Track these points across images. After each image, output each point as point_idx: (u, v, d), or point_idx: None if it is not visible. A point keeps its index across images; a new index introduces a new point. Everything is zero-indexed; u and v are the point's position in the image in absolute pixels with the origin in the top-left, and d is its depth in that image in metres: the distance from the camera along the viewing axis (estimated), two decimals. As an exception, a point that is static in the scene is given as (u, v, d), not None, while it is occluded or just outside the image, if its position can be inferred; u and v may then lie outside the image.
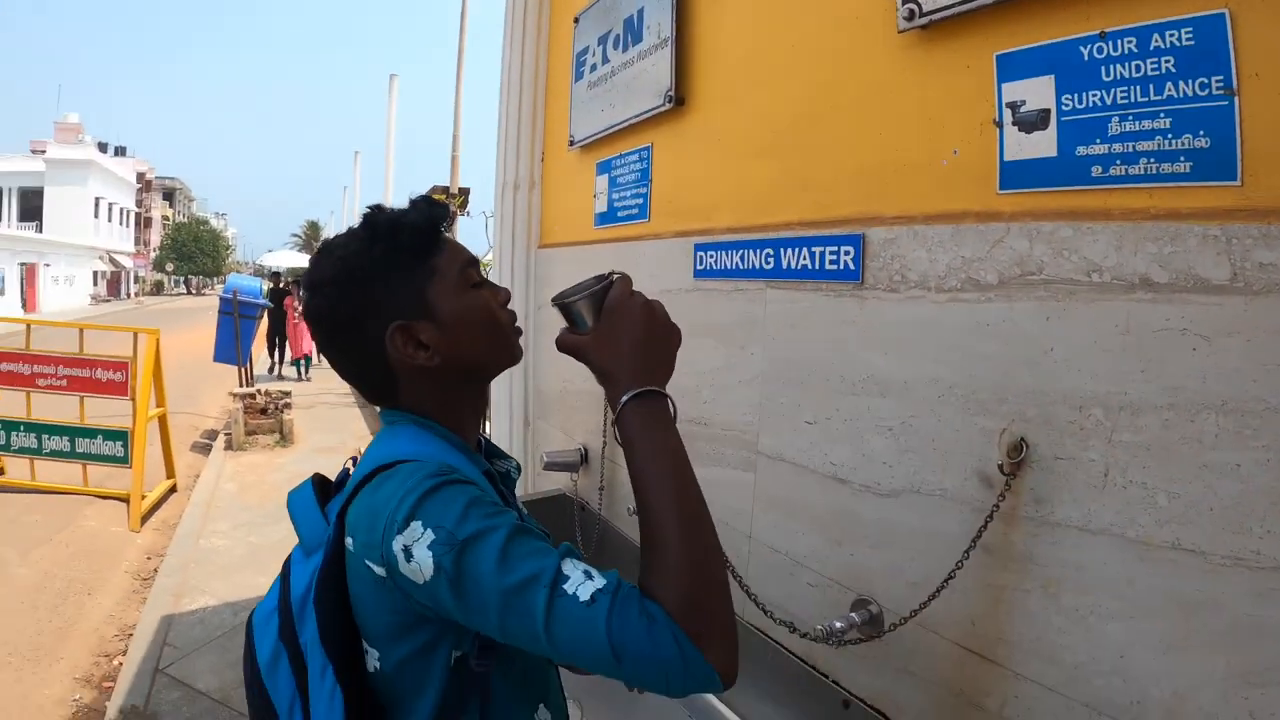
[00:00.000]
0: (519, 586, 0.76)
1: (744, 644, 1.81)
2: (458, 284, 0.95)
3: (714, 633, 0.76)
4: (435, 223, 0.97)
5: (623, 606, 0.75)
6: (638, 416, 0.87)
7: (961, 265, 1.34)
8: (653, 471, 0.85)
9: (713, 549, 0.82)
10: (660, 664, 0.74)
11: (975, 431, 1.32)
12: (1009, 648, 1.29)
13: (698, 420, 2.05)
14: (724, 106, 2.01)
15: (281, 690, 0.92)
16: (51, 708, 3.56)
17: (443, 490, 0.81)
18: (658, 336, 0.92)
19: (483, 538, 0.78)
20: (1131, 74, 1.11)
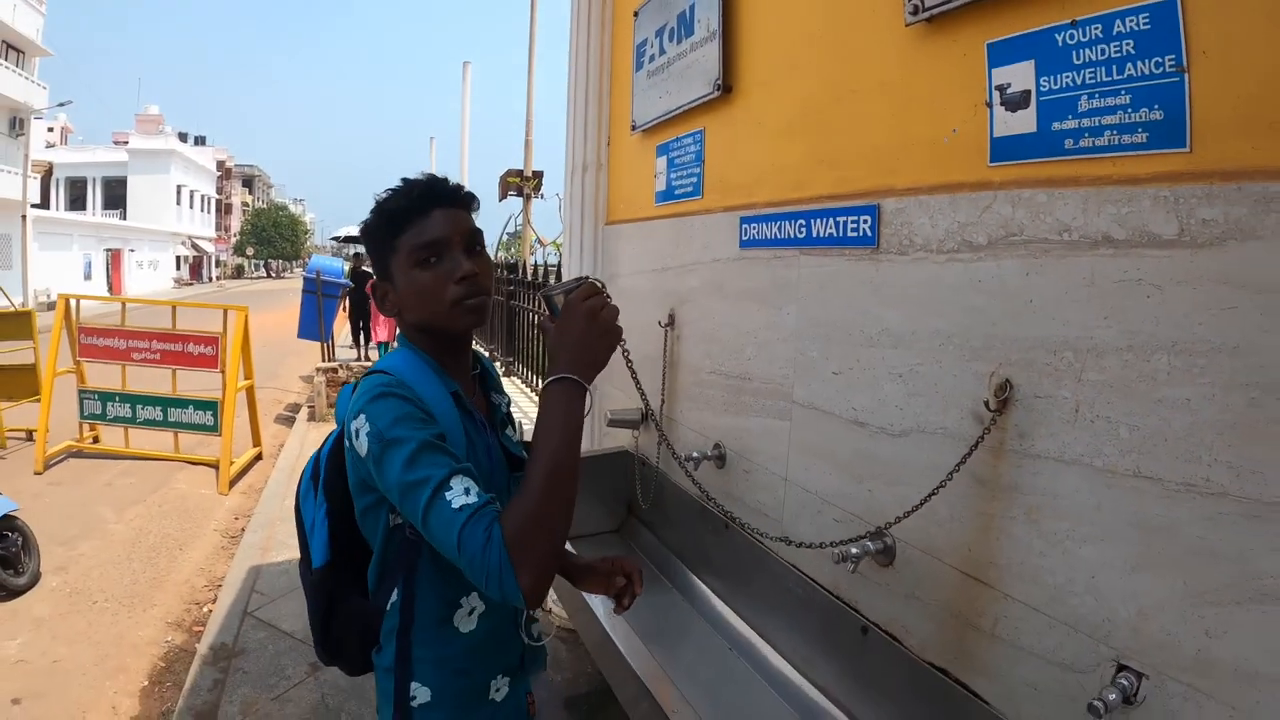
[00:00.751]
0: (414, 484, 1.05)
1: (778, 578, 2.09)
2: (406, 262, 1.20)
3: (530, 564, 0.99)
4: (406, 210, 1.20)
5: (476, 521, 1.01)
6: (552, 394, 1.09)
7: (957, 229, 1.55)
8: (543, 436, 1.07)
9: (558, 503, 1.04)
10: (483, 570, 1.00)
11: (969, 375, 1.54)
12: (999, 571, 1.50)
13: (741, 375, 2.31)
14: (763, 93, 2.24)
15: (307, 512, 1.34)
16: (145, 647, 3.95)
17: (381, 399, 1.11)
18: (592, 338, 1.11)
19: (400, 443, 1.07)
20: (1098, 57, 1.30)
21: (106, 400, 7.06)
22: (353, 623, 1.29)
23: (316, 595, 1.31)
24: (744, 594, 2.40)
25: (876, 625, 1.81)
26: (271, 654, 3.64)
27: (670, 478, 2.81)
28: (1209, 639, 1.16)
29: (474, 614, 1.25)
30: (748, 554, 2.31)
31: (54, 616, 4.19)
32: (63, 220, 32.44)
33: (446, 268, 1.19)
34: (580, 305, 1.12)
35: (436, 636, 1.24)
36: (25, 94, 25.86)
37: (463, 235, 1.21)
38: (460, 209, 1.23)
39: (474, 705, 1.28)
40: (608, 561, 1.42)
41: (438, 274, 1.19)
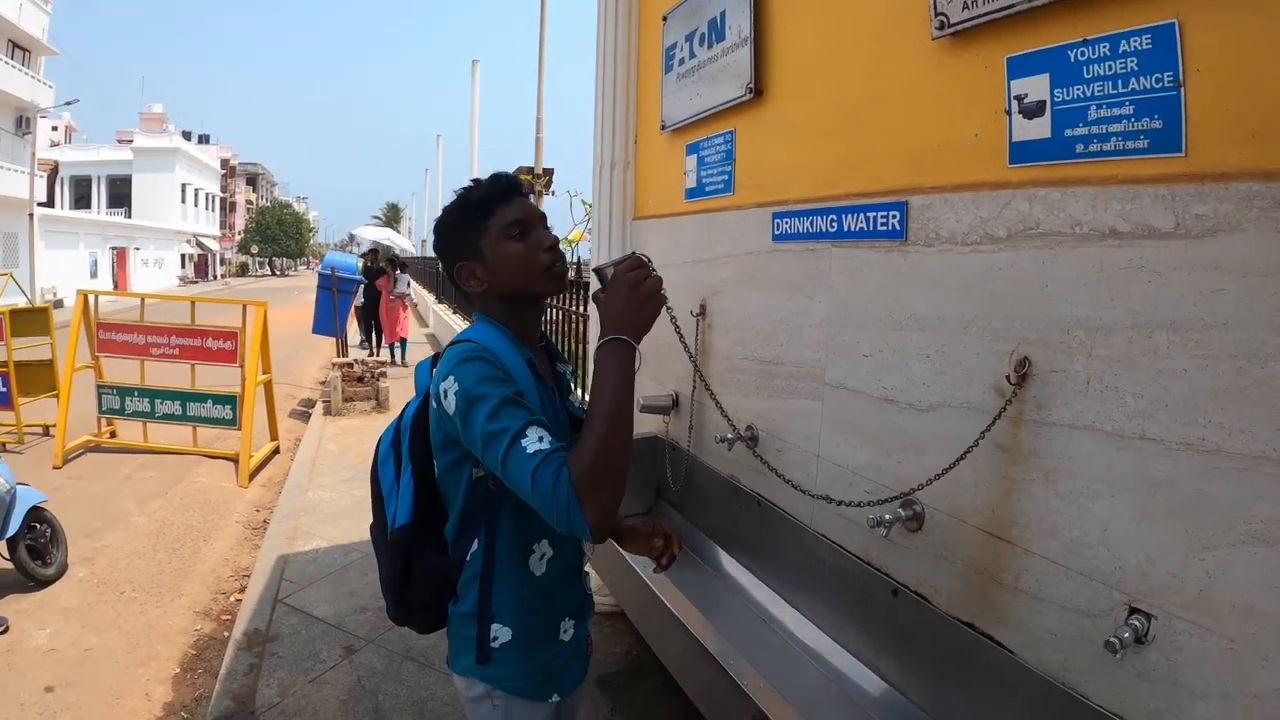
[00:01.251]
0: (495, 433, 1.21)
1: (810, 549, 2.27)
2: (498, 237, 1.40)
3: (594, 500, 1.15)
4: (492, 195, 1.42)
5: (547, 464, 1.17)
6: (604, 353, 1.26)
7: (980, 224, 1.75)
8: (599, 388, 1.24)
9: (616, 446, 1.19)
10: (553, 507, 1.16)
11: (991, 354, 1.74)
12: (1020, 529, 1.69)
13: (774, 361, 2.51)
14: (795, 97, 2.44)
15: (386, 477, 1.49)
16: (175, 635, 4.04)
17: (468, 362, 1.28)
18: (635, 304, 1.28)
19: (484, 399, 1.24)
20: (1105, 71, 1.50)
21: (125, 395, 7.18)
22: (430, 577, 1.44)
23: (395, 553, 1.44)
24: (776, 567, 2.58)
25: (906, 587, 2.00)
26: (305, 639, 3.73)
27: (701, 460, 3.01)
28: (1209, 579, 1.34)
29: (544, 559, 1.43)
30: (780, 529, 2.50)
31: (83, 606, 4.27)
32: (69, 219, 32.65)
33: (535, 239, 1.41)
34: (625, 276, 1.30)
35: (514, 579, 1.41)
36: (31, 93, 26.02)
37: (541, 217, 1.45)
38: (530, 200, 1.47)
39: (546, 643, 1.46)
40: (648, 524, 1.60)
41: (528, 245, 1.40)
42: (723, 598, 2.70)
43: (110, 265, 35.19)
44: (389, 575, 1.47)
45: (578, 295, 5.84)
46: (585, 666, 1.60)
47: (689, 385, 3.01)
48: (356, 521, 5.38)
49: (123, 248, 36.77)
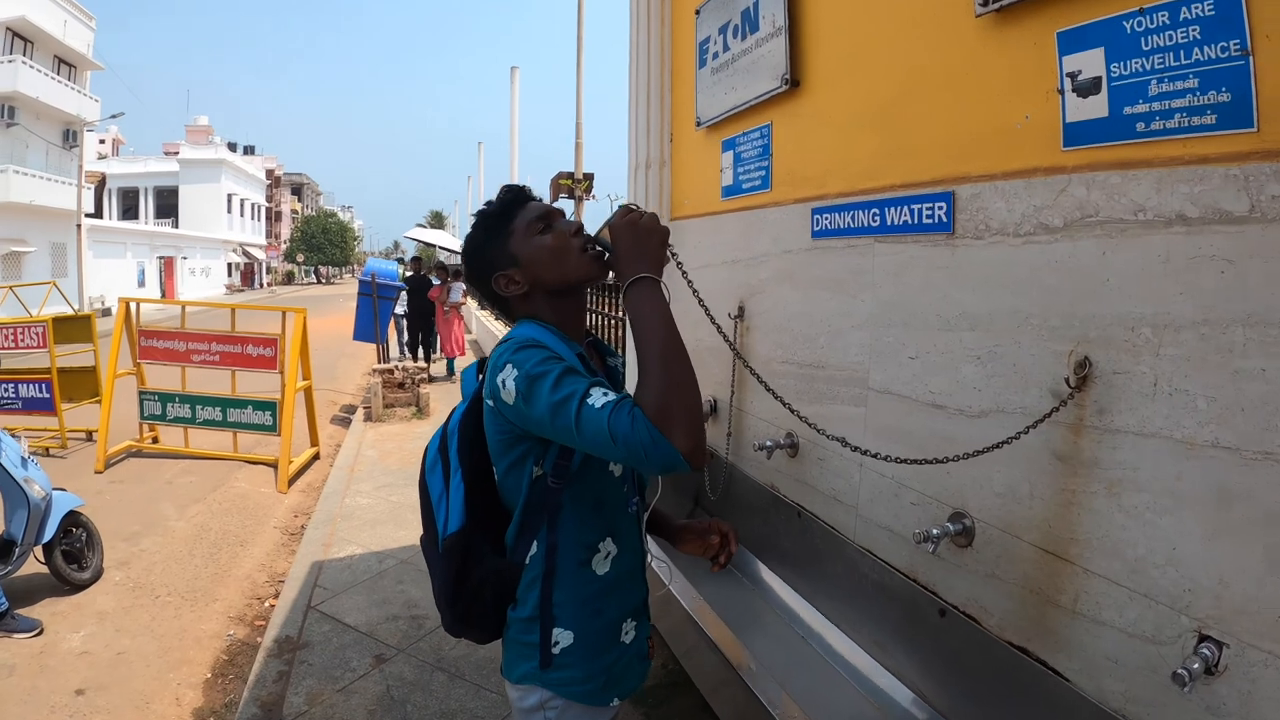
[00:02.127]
0: (562, 400, 1.21)
1: (853, 564, 2.19)
2: (526, 235, 1.44)
3: (677, 426, 1.15)
4: (508, 203, 1.47)
5: (618, 409, 1.17)
6: (632, 296, 1.29)
7: (1033, 213, 1.66)
8: (642, 328, 1.26)
9: (679, 375, 1.21)
10: (638, 445, 1.15)
11: (1048, 355, 1.64)
12: (1079, 546, 1.59)
13: (815, 364, 2.43)
14: (832, 86, 2.37)
15: (435, 485, 1.48)
16: (208, 640, 4.10)
17: (524, 350, 1.30)
18: (639, 239, 1.33)
19: (544, 375, 1.24)
20: (1165, 42, 1.41)
21: (167, 401, 7.38)
22: (488, 583, 1.43)
23: (449, 561, 1.43)
24: (816, 582, 2.51)
25: (954, 607, 1.91)
26: (336, 647, 3.76)
27: (740, 469, 2.94)
28: (1290, 603, 1.22)
29: (609, 558, 1.43)
30: (821, 540, 2.43)
31: (117, 610, 4.36)
32: (116, 229, 34.02)
33: (561, 229, 1.45)
34: (620, 222, 1.34)
35: (577, 580, 1.41)
36: (77, 107, 27.20)
37: (559, 211, 1.50)
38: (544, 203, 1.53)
39: (608, 647, 1.45)
40: (703, 522, 1.62)
41: (557, 233, 1.43)
42: (760, 612, 2.64)
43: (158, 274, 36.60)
44: (443, 584, 1.46)
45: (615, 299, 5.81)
46: (646, 669, 1.59)
47: (727, 390, 2.95)
48: (393, 529, 5.45)
49: (170, 257, 38.22)
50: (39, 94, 24.79)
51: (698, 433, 1.18)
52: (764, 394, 2.58)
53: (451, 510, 1.44)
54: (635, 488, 1.52)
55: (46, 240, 25.61)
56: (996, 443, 1.66)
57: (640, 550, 1.54)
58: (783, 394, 2.58)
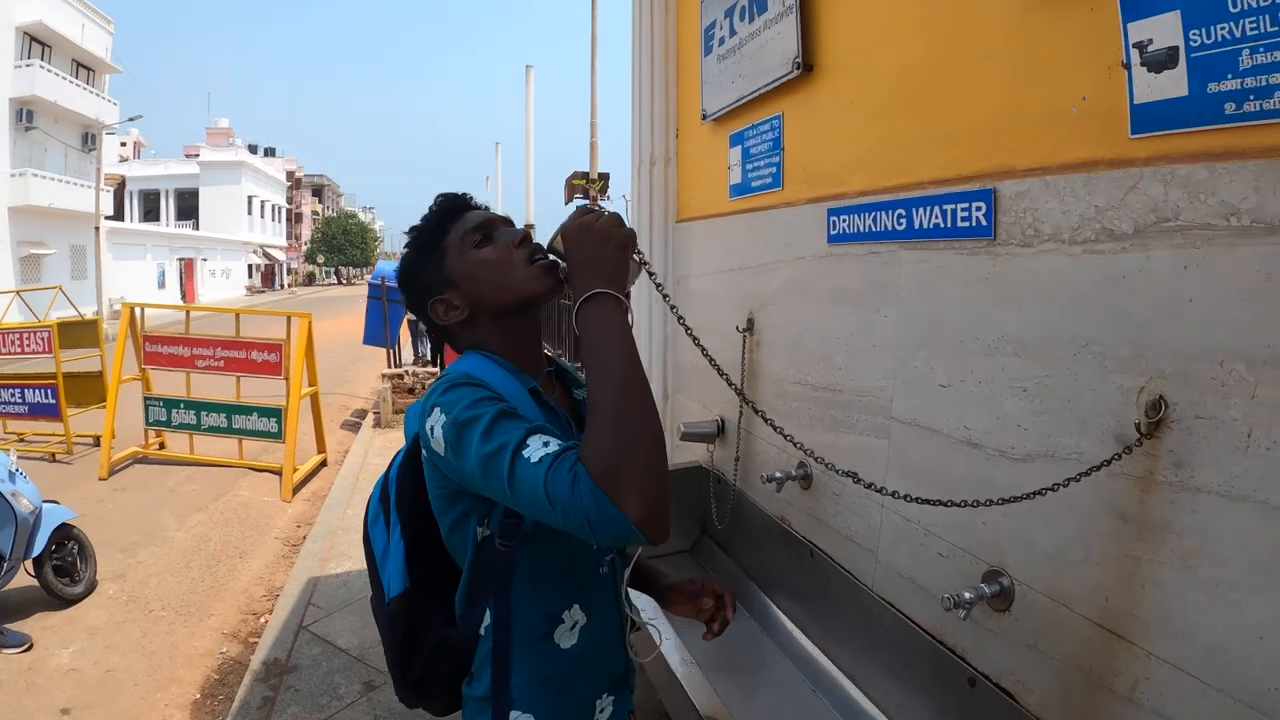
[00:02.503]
0: (494, 453, 1.00)
1: (871, 615, 1.92)
2: (460, 251, 1.22)
3: (629, 490, 0.92)
4: (441, 215, 1.26)
5: (558, 466, 0.95)
6: (585, 317, 1.07)
7: (1095, 215, 1.37)
8: (592, 358, 1.03)
9: (636, 422, 0.98)
10: (579, 513, 0.93)
11: (1112, 390, 1.35)
12: (1142, 625, 1.31)
13: (830, 387, 2.15)
14: (851, 70, 2.08)
15: (378, 540, 1.30)
16: (199, 658, 4.00)
17: (454, 389, 1.09)
18: (595, 248, 1.10)
19: (474, 421, 1.04)
20: (1259, 3, 1.11)
21: (171, 407, 7.32)
22: (440, 654, 1.24)
23: (394, 627, 1.26)
24: (830, 628, 2.24)
25: (987, 677, 1.64)
26: (324, 672, 3.64)
27: (749, 496, 2.68)
28: None
29: (575, 628, 1.22)
30: (836, 584, 2.16)
31: (109, 625, 4.30)
32: (136, 231, 34.60)
33: (503, 240, 1.23)
34: (571, 225, 1.13)
35: (536, 655, 1.20)
36: (96, 110, 27.59)
37: (502, 219, 1.27)
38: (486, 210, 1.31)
39: None
40: (696, 582, 1.40)
41: (497, 246, 1.22)
42: (766, 654, 2.38)
43: (178, 276, 37.15)
44: (391, 652, 1.28)
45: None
46: None
47: (734, 410, 2.68)
48: (394, 542, 5.31)
49: (190, 258, 38.76)
50: (57, 98, 25.09)
51: (657, 497, 0.95)
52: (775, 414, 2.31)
53: (392, 570, 1.27)
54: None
55: (66, 242, 26.02)
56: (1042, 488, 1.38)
57: (617, 616, 1.30)
58: (795, 418, 2.32)
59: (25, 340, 7.81)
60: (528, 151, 18.55)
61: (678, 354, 3.35)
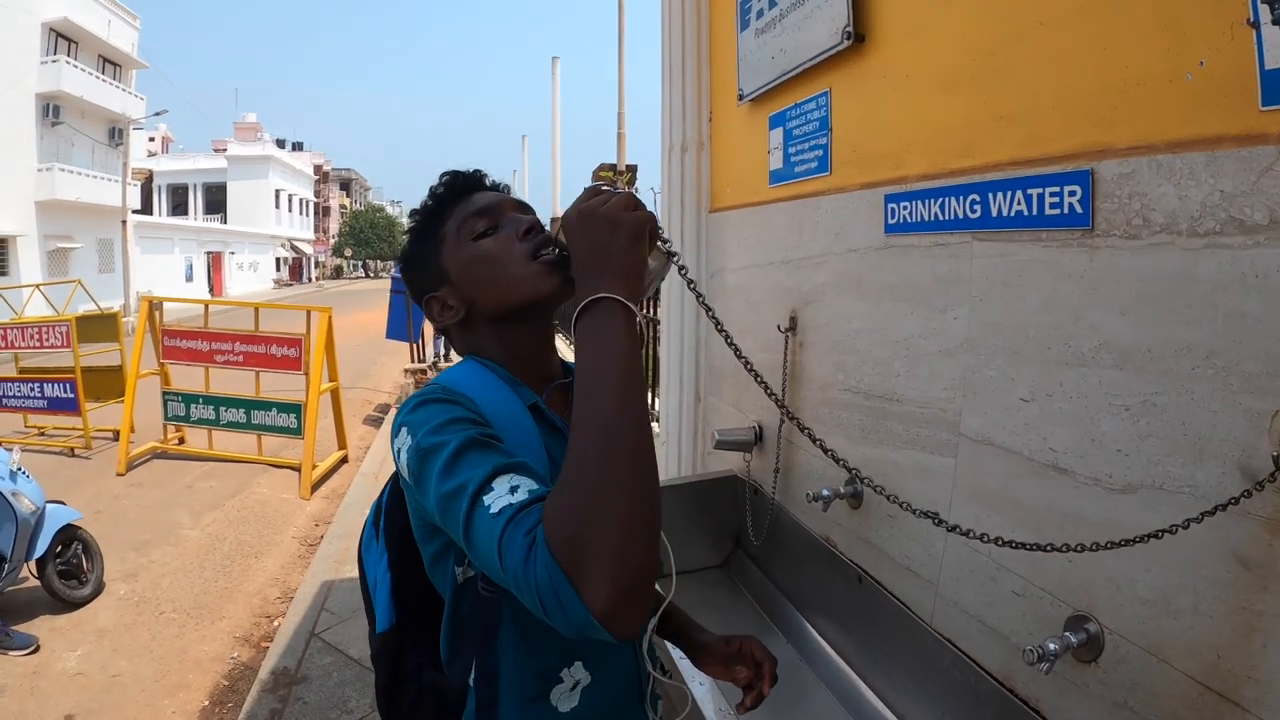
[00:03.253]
0: (452, 493, 0.83)
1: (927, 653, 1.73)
2: (457, 242, 1.08)
3: (593, 572, 0.71)
4: (443, 201, 1.12)
5: (517, 524, 0.76)
6: (580, 331, 0.87)
7: (1220, 202, 1.15)
8: (581, 381, 0.84)
9: (621, 478, 0.76)
10: (532, 590, 0.74)
11: (1239, 413, 1.13)
12: (1260, 690, 1.11)
13: (888, 396, 1.94)
14: (910, 37, 1.87)
15: (370, 569, 1.17)
16: (209, 663, 3.98)
17: (424, 407, 0.94)
18: (599, 236, 0.91)
19: (438, 450, 0.87)
20: None
21: (190, 402, 7.39)
22: (424, 703, 1.10)
23: (377, 666, 1.14)
24: (879, 663, 2.04)
25: (1067, 735, 1.44)
26: (335, 683, 3.59)
27: (789, 510, 2.48)
28: None
29: (577, 689, 1.04)
30: (888, 615, 1.96)
31: (118, 627, 4.29)
32: (163, 225, 35.51)
33: (507, 231, 1.08)
34: (573, 214, 0.94)
35: (527, 717, 1.03)
36: (122, 105, 28.21)
37: (512, 203, 1.12)
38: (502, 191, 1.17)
39: None
40: (733, 644, 1.26)
41: (499, 238, 1.07)
42: (805, 686, 2.18)
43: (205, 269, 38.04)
44: (377, 690, 1.17)
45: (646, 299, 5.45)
46: None
47: (775, 417, 2.48)
48: (413, 544, 5.33)
49: (218, 252, 39.78)
50: (84, 93, 25.64)
51: (630, 585, 0.73)
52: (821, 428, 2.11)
53: (379, 604, 1.14)
54: None
55: (93, 236, 26.62)
56: (1157, 530, 1.17)
57: (633, 674, 1.12)
58: (844, 430, 2.12)
59: (44, 334, 7.90)
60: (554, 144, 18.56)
61: (711, 354, 3.16)
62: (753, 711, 1.25)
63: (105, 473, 7.08)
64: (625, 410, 0.80)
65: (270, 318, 7.30)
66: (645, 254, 0.92)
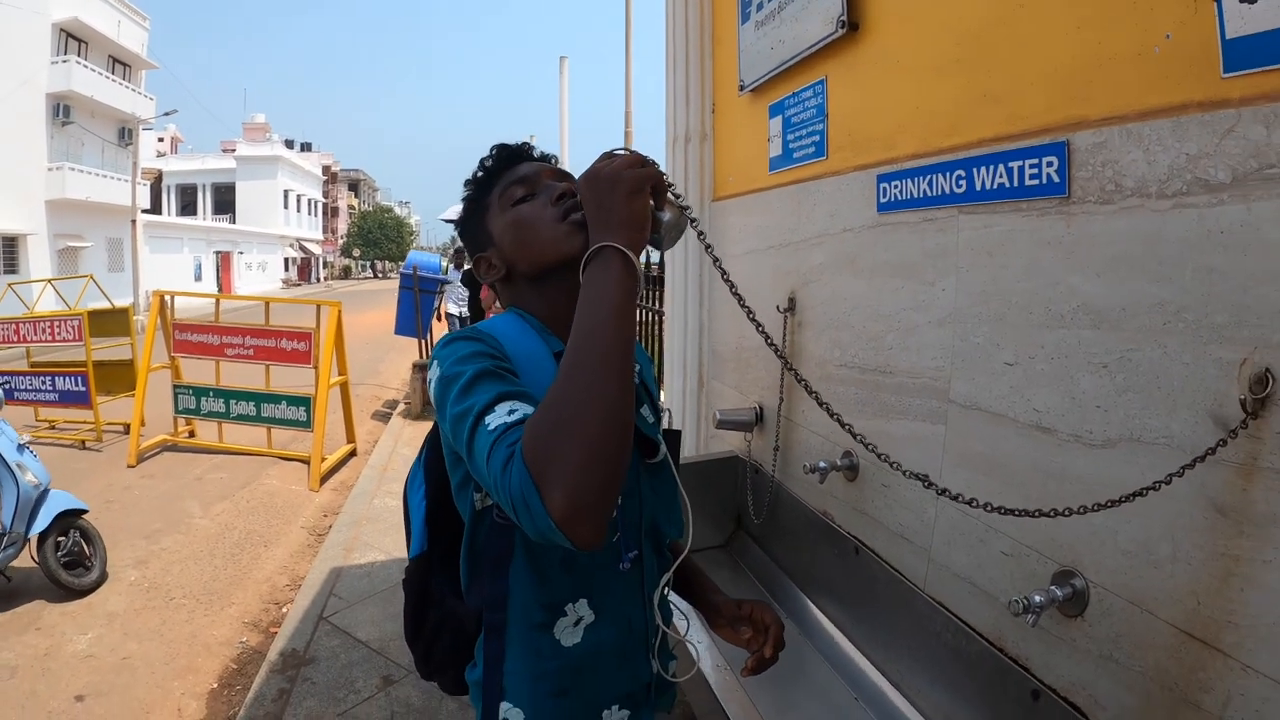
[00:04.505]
0: (461, 414, 0.93)
1: (922, 619, 1.79)
2: (501, 208, 1.18)
3: (555, 480, 0.80)
4: (492, 173, 1.21)
5: (505, 438, 0.86)
6: (587, 275, 0.97)
7: (1186, 164, 1.22)
8: (577, 319, 0.93)
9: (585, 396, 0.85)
10: (507, 496, 0.83)
11: (1209, 364, 1.20)
12: (1239, 633, 1.17)
13: (881, 369, 2.01)
14: (901, 24, 1.95)
15: (411, 494, 1.26)
16: (218, 647, 3.98)
17: (453, 344, 1.03)
18: (602, 194, 1.00)
19: (456, 378, 0.96)
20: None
21: (200, 395, 7.40)
22: (444, 627, 1.20)
23: (406, 592, 1.23)
24: (876, 632, 2.11)
25: (1053, 691, 1.50)
26: (343, 664, 3.61)
27: (788, 488, 2.54)
28: None
29: (580, 625, 1.11)
30: (884, 584, 2.02)
31: (128, 612, 4.31)
32: (173, 224, 35.54)
33: (542, 197, 1.16)
34: (582, 176, 1.05)
35: (532, 646, 1.11)
36: (132, 105, 28.26)
37: (552, 171, 1.21)
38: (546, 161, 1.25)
39: None
40: (744, 607, 1.29)
41: (535, 203, 1.16)
42: (805, 658, 2.25)
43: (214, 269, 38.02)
44: (405, 617, 1.26)
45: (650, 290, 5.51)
46: None
47: (775, 398, 2.55)
48: (419, 533, 5.34)
49: (226, 252, 39.69)
50: (93, 93, 25.67)
51: (586, 495, 0.81)
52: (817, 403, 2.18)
53: (415, 531, 1.23)
54: (639, 535, 1.15)
55: (103, 236, 26.66)
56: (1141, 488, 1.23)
57: (641, 621, 1.18)
58: (841, 404, 2.18)
59: (56, 328, 7.93)
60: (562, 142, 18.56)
61: (714, 339, 3.23)
62: (754, 684, 1.31)
63: (116, 465, 7.10)
64: (606, 341, 0.89)
65: (280, 315, 7.32)
66: (645, 206, 1.00)
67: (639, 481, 1.15)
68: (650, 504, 1.18)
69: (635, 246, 0.96)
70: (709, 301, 3.20)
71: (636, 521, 1.15)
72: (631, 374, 0.90)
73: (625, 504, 1.12)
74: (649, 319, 5.84)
